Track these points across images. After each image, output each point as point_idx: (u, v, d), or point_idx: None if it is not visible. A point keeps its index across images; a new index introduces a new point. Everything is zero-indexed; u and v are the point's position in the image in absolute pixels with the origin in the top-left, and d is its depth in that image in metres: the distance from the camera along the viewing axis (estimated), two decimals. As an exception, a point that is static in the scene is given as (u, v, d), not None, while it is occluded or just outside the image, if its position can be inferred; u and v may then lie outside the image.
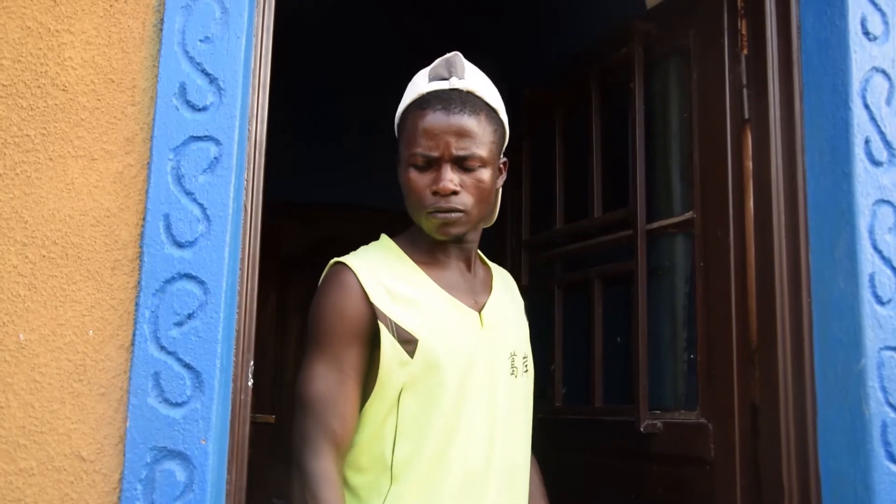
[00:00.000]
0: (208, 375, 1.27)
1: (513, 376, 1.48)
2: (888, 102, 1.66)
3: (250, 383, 1.38)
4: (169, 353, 1.27)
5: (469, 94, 1.44)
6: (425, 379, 1.38)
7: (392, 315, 1.38)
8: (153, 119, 1.33)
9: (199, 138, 1.33)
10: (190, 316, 1.28)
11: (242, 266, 1.38)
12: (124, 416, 1.26)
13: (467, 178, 1.42)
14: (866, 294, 1.58)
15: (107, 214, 1.32)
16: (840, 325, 1.61)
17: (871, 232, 1.61)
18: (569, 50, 2.64)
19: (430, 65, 1.49)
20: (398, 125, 1.49)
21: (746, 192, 1.85)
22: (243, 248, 1.38)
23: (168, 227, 1.30)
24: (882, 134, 1.65)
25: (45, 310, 1.28)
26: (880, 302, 1.59)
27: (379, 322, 1.38)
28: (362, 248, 1.51)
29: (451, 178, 1.40)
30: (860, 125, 1.64)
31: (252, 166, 1.41)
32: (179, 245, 1.30)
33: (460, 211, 1.42)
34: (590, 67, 2.41)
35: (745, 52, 1.89)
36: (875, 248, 1.60)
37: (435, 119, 1.41)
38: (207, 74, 1.35)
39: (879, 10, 1.69)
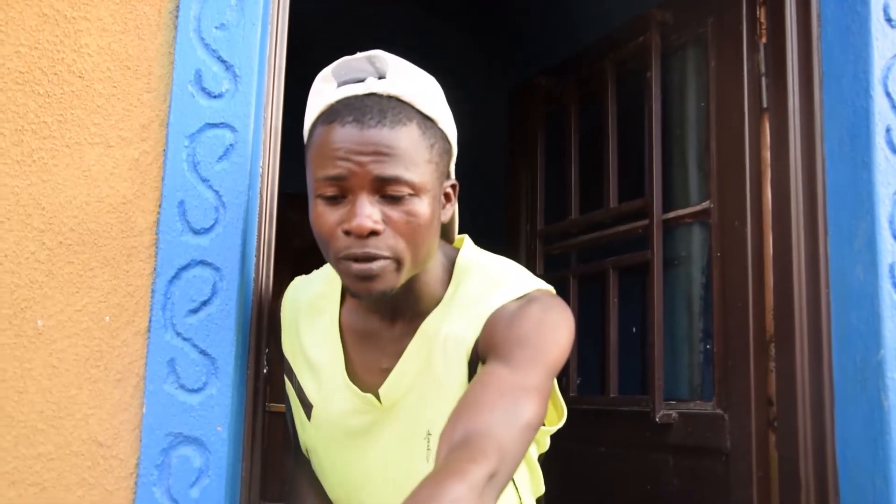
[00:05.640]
0: (224, 362, 1.27)
1: (431, 461, 1.12)
2: (910, 90, 1.64)
3: (265, 370, 1.38)
4: (185, 339, 1.27)
5: (392, 99, 1.07)
6: (321, 450, 1.27)
7: (297, 371, 1.27)
8: (169, 106, 1.33)
9: (214, 125, 1.33)
10: (205, 303, 1.28)
11: (258, 253, 1.37)
12: (140, 401, 1.27)
13: (394, 213, 1.05)
14: (886, 284, 1.56)
15: (123, 201, 1.32)
16: (859, 315, 1.59)
17: (892, 222, 1.59)
18: (585, 37, 2.63)
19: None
20: (306, 145, 1.13)
21: (764, 181, 1.84)
22: (259, 235, 1.38)
23: (184, 214, 1.30)
24: (903, 122, 1.63)
25: (63, 296, 1.29)
26: (900, 292, 1.57)
27: (285, 376, 1.29)
28: (317, 273, 1.32)
29: (368, 213, 1.04)
30: (881, 113, 1.62)
31: (267, 153, 1.40)
32: (195, 232, 1.30)
33: (384, 258, 1.06)
34: (606, 56, 2.40)
35: (763, 40, 1.87)
36: (895, 237, 1.59)
37: (345, 134, 1.05)
38: (223, 61, 1.34)
39: (902, -4, 1.67)
